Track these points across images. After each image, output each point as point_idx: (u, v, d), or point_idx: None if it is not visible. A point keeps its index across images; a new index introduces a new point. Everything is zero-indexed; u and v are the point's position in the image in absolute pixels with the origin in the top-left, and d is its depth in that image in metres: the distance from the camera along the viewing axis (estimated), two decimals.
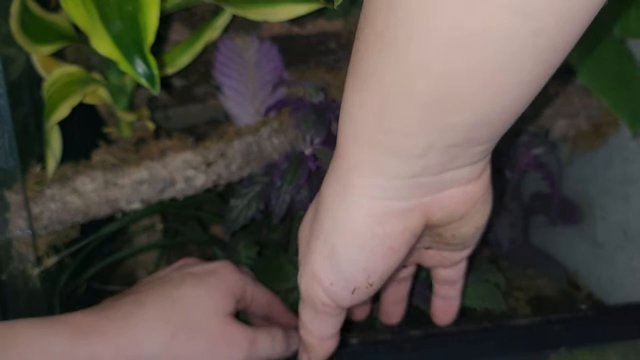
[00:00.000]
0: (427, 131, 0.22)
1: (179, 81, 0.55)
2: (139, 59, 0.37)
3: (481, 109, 0.22)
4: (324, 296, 0.29)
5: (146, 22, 0.38)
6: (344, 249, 0.27)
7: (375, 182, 0.25)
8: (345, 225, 0.26)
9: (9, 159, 0.42)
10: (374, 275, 0.28)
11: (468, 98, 0.21)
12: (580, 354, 0.47)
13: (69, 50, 0.53)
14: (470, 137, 0.23)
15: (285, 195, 0.42)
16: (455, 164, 0.25)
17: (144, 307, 0.36)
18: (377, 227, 0.26)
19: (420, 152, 0.23)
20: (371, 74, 0.22)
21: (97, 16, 0.38)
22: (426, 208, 0.26)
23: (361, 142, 0.24)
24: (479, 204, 0.28)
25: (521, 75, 0.21)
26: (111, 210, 0.45)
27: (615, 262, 0.56)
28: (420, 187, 0.25)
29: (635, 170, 0.53)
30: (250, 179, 0.44)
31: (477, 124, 0.22)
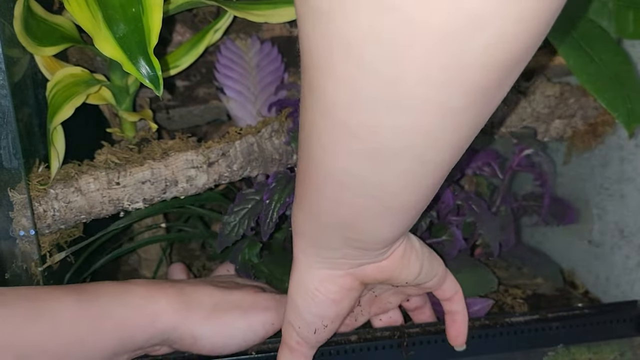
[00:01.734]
0: (337, 238, 0.33)
1: (181, 82, 0.56)
2: (142, 60, 0.38)
3: (370, 235, 0.32)
4: (296, 336, 0.39)
5: (150, 24, 0.38)
6: (302, 303, 0.37)
7: (315, 260, 0.35)
8: (302, 287, 0.37)
9: (13, 159, 0.42)
10: (326, 319, 0.38)
11: (360, 228, 0.32)
12: (577, 351, 0.47)
13: (72, 52, 0.54)
14: (367, 247, 0.34)
15: (272, 214, 0.43)
16: (364, 256, 0.35)
17: (193, 282, 0.43)
18: (320, 287, 0.36)
19: (336, 247, 0.34)
20: (302, 204, 0.33)
21: (100, 18, 0.38)
22: (353, 276, 0.36)
23: (302, 237, 0.35)
24: (397, 270, 0.37)
25: (406, 205, 0.30)
26: (114, 209, 0.46)
27: (611, 261, 0.57)
28: (345, 264, 0.35)
29: (632, 170, 0.54)
30: (242, 197, 0.46)
31: (369, 241, 0.33)
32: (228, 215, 0.46)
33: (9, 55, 0.42)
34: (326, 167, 0.28)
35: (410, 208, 0.31)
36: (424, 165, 0.26)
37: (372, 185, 0.28)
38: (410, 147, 0.25)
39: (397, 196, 0.29)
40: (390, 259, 0.36)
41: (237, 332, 0.40)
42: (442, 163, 0.27)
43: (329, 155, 0.27)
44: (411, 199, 0.29)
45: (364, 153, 0.26)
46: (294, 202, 0.34)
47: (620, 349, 0.48)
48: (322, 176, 0.29)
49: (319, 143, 0.27)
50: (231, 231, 0.45)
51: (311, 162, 0.29)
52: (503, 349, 0.46)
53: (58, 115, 0.43)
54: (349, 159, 0.26)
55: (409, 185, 0.28)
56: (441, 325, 0.45)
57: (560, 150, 0.64)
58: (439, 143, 0.25)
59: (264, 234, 0.44)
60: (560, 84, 0.55)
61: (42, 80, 0.47)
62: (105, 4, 0.38)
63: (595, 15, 0.51)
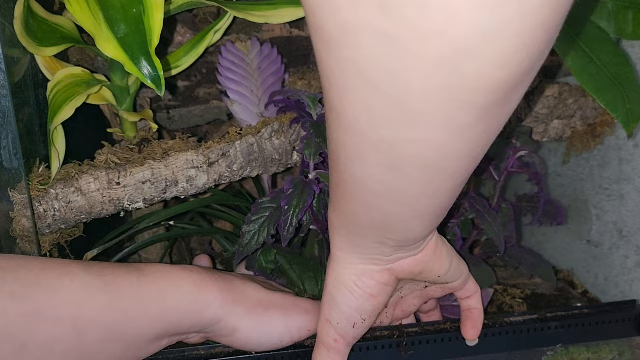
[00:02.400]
0: (373, 239, 0.35)
1: (181, 82, 0.56)
2: (144, 60, 0.38)
3: (402, 235, 0.35)
4: (334, 333, 0.40)
5: (151, 24, 0.38)
6: (341, 299, 0.39)
7: (353, 257, 0.37)
8: (340, 283, 0.39)
9: (13, 159, 0.43)
10: (365, 313, 0.40)
11: (392, 229, 0.34)
12: (575, 351, 0.47)
13: (73, 52, 0.54)
14: (401, 244, 0.36)
15: (292, 220, 0.44)
16: (400, 251, 0.37)
17: (242, 281, 0.43)
18: (358, 281, 0.38)
19: (373, 246, 0.36)
20: (336, 207, 0.35)
21: (102, 19, 0.38)
22: (390, 271, 0.38)
23: (340, 235, 0.37)
24: (430, 264, 0.39)
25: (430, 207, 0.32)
26: (115, 209, 0.46)
27: (610, 261, 0.57)
28: (382, 260, 0.37)
29: (631, 170, 0.54)
30: (259, 206, 0.46)
31: (403, 240, 0.35)
32: (247, 225, 0.46)
33: (9, 56, 0.42)
34: (355, 177, 0.30)
35: (437, 210, 0.33)
36: (441, 174, 0.28)
37: (398, 192, 0.30)
38: (426, 158, 0.27)
39: (422, 201, 0.31)
40: (425, 252, 0.38)
41: (275, 331, 0.41)
42: (459, 170, 0.29)
43: (357, 167, 0.29)
44: (435, 202, 0.32)
45: (387, 164, 0.28)
46: (330, 204, 0.37)
47: (619, 349, 0.48)
48: (352, 184, 0.31)
49: (346, 156, 0.29)
50: (251, 240, 0.46)
51: (341, 172, 0.31)
52: (502, 349, 0.46)
53: (59, 115, 0.43)
54: (374, 170, 0.29)
55: (430, 191, 0.30)
56: (441, 325, 0.45)
57: (560, 150, 0.64)
58: (451, 154, 0.27)
59: (284, 240, 0.45)
60: (559, 84, 0.55)
61: (43, 80, 0.47)
62: (106, 4, 0.38)
63: (595, 15, 0.51)
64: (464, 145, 0.27)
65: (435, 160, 0.27)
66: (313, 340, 0.42)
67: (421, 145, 0.26)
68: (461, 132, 0.25)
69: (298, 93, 0.48)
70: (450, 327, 0.45)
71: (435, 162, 0.28)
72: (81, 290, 0.35)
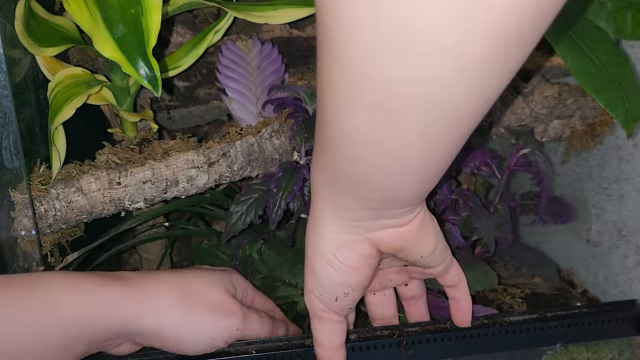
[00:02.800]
0: (355, 198, 0.32)
1: (181, 82, 0.56)
2: (141, 61, 0.38)
3: (387, 193, 0.31)
4: (319, 304, 0.38)
5: (149, 24, 0.38)
6: (321, 269, 0.36)
7: (333, 221, 0.35)
8: (319, 253, 0.36)
9: (14, 159, 0.43)
10: (347, 287, 0.37)
11: (377, 187, 0.31)
12: (575, 350, 0.47)
13: (74, 52, 0.54)
14: (385, 206, 0.33)
15: (280, 202, 0.44)
16: (382, 216, 0.34)
17: (155, 273, 0.42)
18: (337, 253, 0.36)
19: (354, 208, 0.33)
20: (319, 162, 0.33)
21: (100, 19, 0.38)
22: (371, 241, 0.35)
23: (321, 196, 0.34)
24: (414, 240, 0.36)
25: (421, 162, 0.29)
26: (115, 209, 0.46)
27: (610, 260, 0.57)
28: (362, 227, 0.34)
29: (630, 170, 0.54)
30: (249, 187, 0.46)
31: (387, 200, 0.32)
32: (235, 205, 0.46)
33: (10, 56, 0.42)
34: (341, 122, 0.27)
35: (428, 166, 0.29)
36: (442, 117, 0.25)
37: (387, 141, 0.27)
38: (428, 97, 0.24)
39: (414, 152, 0.27)
40: (410, 226, 0.35)
41: (204, 329, 0.39)
42: (462, 118, 0.26)
43: (345, 109, 0.26)
44: (429, 155, 0.28)
45: (379, 105, 0.25)
46: (312, 160, 0.34)
47: (619, 348, 0.48)
48: (337, 132, 0.28)
49: (334, 97, 0.26)
50: (238, 220, 0.46)
51: (327, 118, 0.28)
52: (502, 348, 0.46)
53: (59, 115, 0.43)
54: (363, 113, 0.26)
55: (424, 141, 0.27)
56: (441, 324, 0.45)
57: (559, 150, 0.64)
58: (458, 96, 0.24)
59: (272, 222, 0.44)
60: (558, 84, 0.55)
61: (43, 80, 0.47)
62: (104, 4, 0.39)
63: (594, 15, 0.51)
64: (470, 87, 0.24)
65: (435, 104, 0.24)
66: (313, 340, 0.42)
67: (425, 82, 0.23)
68: (472, 69, 0.22)
69: (296, 88, 0.48)
70: (450, 326, 0.45)
71: (434, 107, 0.24)
72: None
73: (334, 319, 0.39)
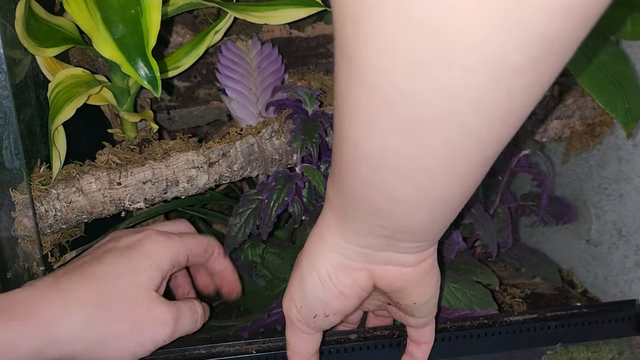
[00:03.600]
0: (366, 224, 0.30)
1: (181, 83, 0.56)
2: (141, 61, 0.38)
3: (400, 223, 0.29)
4: (297, 314, 0.36)
5: (148, 25, 0.38)
6: (310, 283, 0.35)
7: (338, 241, 0.33)
8: (314, 266, 0.34)
9: (15, 159, 0.43)
10: (329, 309, 0.35)
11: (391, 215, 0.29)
12: (575, 350, 0.47)
13: (74, 53, 0.54)
14: (395, 237, 0.31)
15: (271, 213, 0.44)
16: (390, 249, 0.32)
17: (61, 289, 0.36)
18: (332, 274, 0.34)
19: (363, 234, 0.31)
20: (334, 182, 0.31)
21: (99, 19, 0.38)
22: (371, 273, 0.33)
23: (332, 212, 0.33)
24: (414, 285, 0.34)
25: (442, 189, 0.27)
26: (115, 209, 0.46)
27: (610, 260, 0.57)
28: (367, 256, 0.32)
29: (630, 170, 0.54)
30: (246, 198, 0.46)
31: (400, 230, 0.30)
32: (233, 217, 0.46)
33: (10, 56, 0.42)
34: (358, 144, 0.25)
35: (449, 196, 0.27)
36: (468, 139, 0.23)
37: (408, 164, 0.25)
38: (454, 114, 0.22)
39: (434, 179, 0.25)
40: (415, 270, 0.33)
41: (127, 345, 0.36)
42: (489, 139, 0.23)
43: (363, 130, 0.24)
44: (450, 182, 0.26)
45: (401, 124, 0.23)
46: (329, 176, 0.32)
47: (619, 348, 0.48)
48: (354, 155, 0.26)
49: (351, 116, 0.25)
50: (237, 232, 0.46)
51: (343, 140, 0.26)
52: (502, 348, 0.46)
53: (59, 115, 0.43)
54: (383, 133, 0.24)
55: (450, 162, 0.24)
56: (441, 324, 0.45)
57: (559, 150, 0.64)
58: (487, 112, 0.22)
59: (264, 233, 0.45)
60: (558, 84, 0.55)
61: (44, 81, 0.47)
62: (104, 5, 0.39)
63: None
64: (506, 101, 0.21)
65: (465, 119, 0.22)
66: None
67: (453, 97, 0.21)
68: (507, 78, 0.20)
69: (296, 89, 0.48)
70: (450, 326, 0.45)
71: (465, 122, 0.22)
72: None
73: (308, 331, 0.37)
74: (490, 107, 0.21)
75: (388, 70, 0.21)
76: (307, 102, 0.48)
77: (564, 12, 0.18)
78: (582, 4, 0.18)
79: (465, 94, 0.21)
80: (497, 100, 0.21)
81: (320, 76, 0.53)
